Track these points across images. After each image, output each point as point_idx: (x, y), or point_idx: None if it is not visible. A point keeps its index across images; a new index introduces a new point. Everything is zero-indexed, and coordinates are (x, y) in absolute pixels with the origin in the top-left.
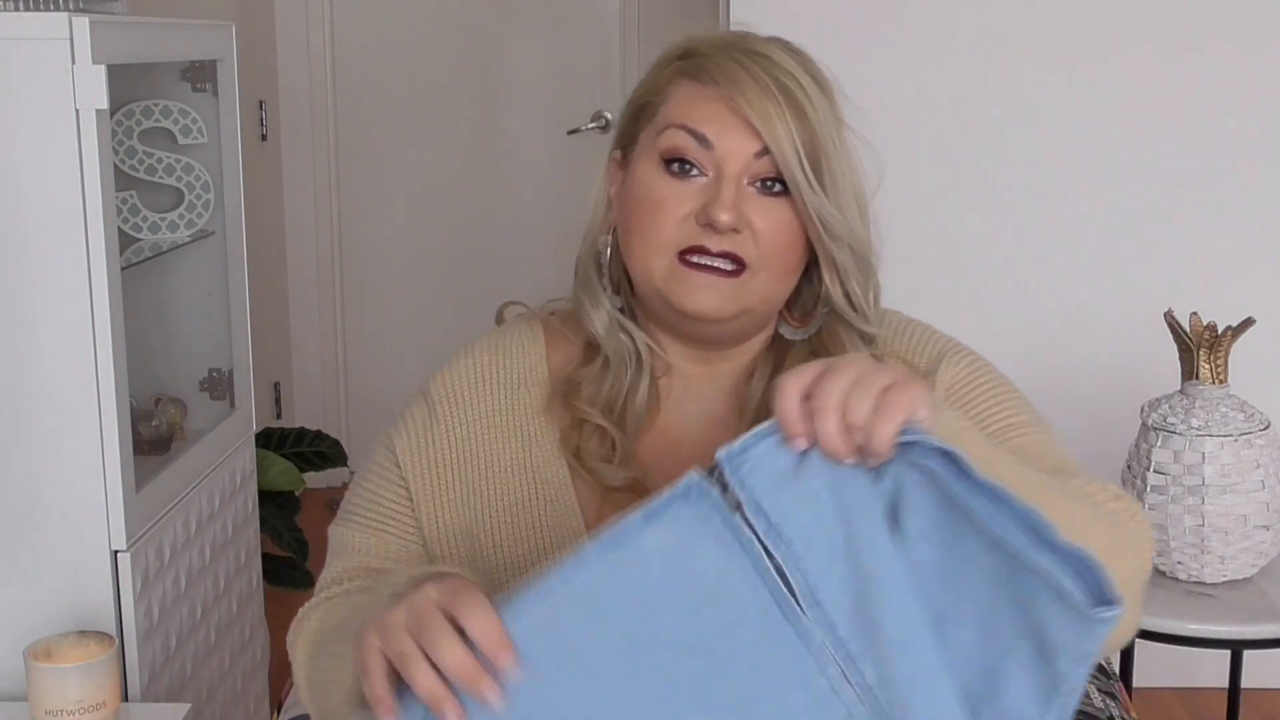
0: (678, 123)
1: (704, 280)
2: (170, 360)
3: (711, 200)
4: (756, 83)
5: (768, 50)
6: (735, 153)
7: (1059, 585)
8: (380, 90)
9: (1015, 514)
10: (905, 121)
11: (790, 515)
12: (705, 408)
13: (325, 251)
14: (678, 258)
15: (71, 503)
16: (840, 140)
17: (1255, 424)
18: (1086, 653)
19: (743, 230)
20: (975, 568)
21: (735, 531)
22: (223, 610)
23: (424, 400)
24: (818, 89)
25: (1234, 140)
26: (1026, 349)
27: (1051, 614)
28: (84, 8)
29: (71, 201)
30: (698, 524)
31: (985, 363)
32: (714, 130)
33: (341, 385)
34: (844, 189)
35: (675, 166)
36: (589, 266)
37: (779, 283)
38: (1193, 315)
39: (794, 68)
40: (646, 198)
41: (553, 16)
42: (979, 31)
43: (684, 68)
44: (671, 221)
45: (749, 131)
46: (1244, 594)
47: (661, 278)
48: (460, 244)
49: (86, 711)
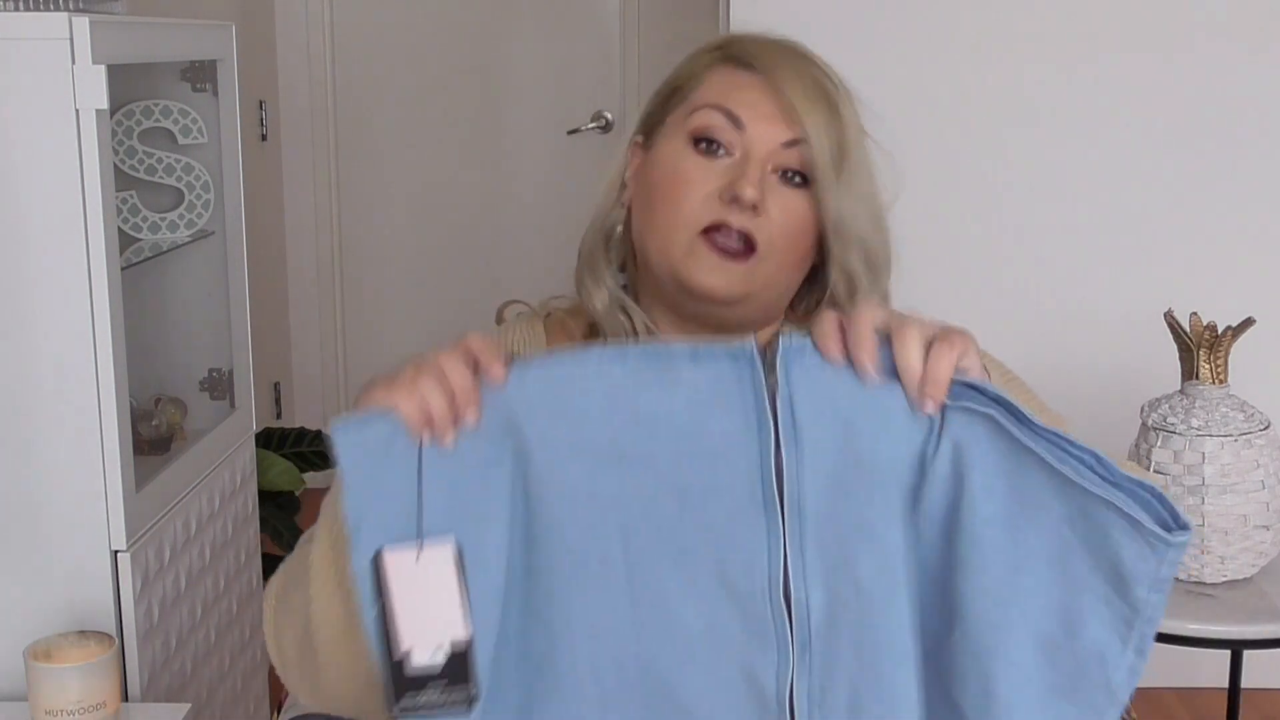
0: (712, 103)
1: (716, 262)
2: (170, 360)
3: (738, 177)
4: (797, 73)
5: (805, 51)
6: (766, 138)
7: (1132, 515)
8: (380, 90)
9: (1079, 454)
10: (905, 121)
11: (813, 426)
12: None
13: (325, 251)
14: (700, 235)
15: (71, 503)
16: (863, 147)
17: (1255, 424)
18: (1164, 578)
19: (761, 212)
20: (1044, 512)
21: (761, 412)
22: (223, 610)
23: None
24: (848, 95)
25: (1234, 140)
26: (1026, 349)
27: (1125, 544)
28: (84, 8)
29: (71, 201)
30: (733, 386)
31: (1011, 371)
32: (748, 114)
33: (341, 385)
34: (862, 192)
35: (704, 145)
36: (596, 244)
37: (786, 271)
38: (1193, 315)
39: (828, 70)
40: (673, 173)
41: (553, 16)
42: (979, 31)
43: (723, 55)
44: (697, 198)
45: (782, 121)
46: (1244, 594)
47: (681, 253)
48: (460, 244)
49: (86, 711)
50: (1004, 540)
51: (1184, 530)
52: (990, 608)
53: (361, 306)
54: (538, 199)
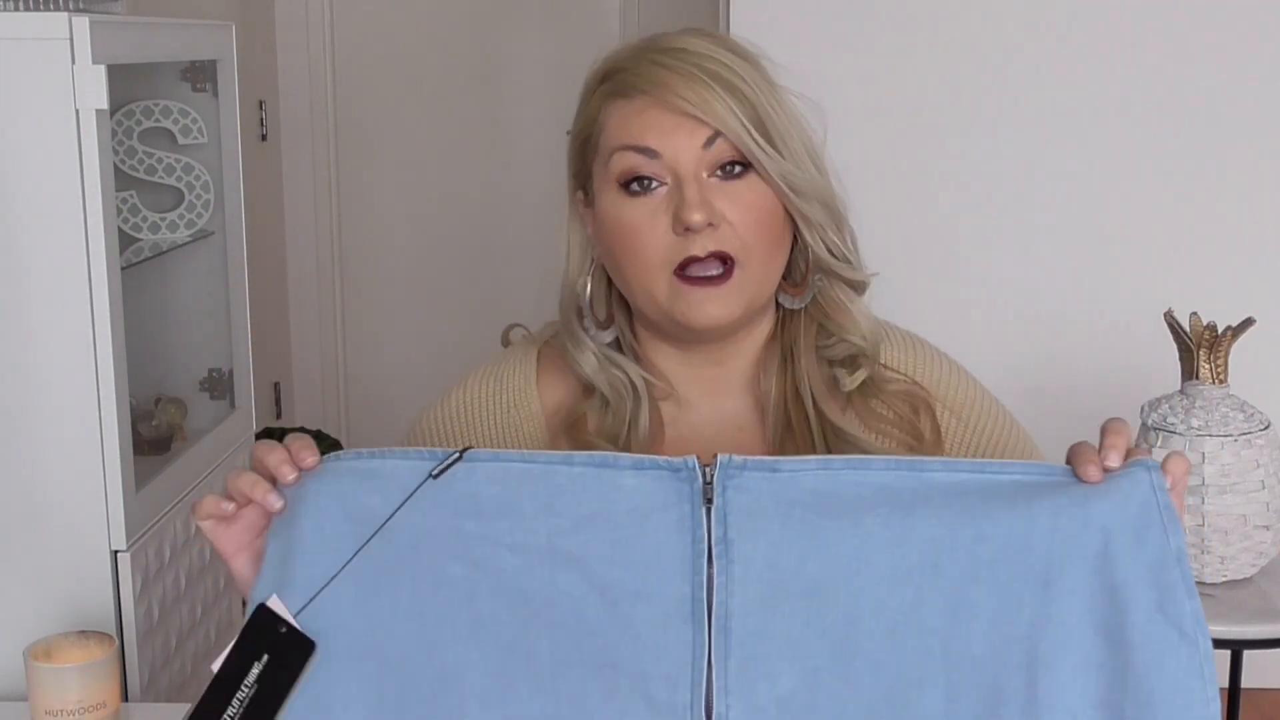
0: (620, 145)
1: (704, 294)
2: (170, 360)
3: (679, 204)
4: (681, 75)
5: (682, 43)
6: (684, 150)
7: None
8: (380, 90)
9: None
10: (904, 121)
11: (745, 543)
12: (722, 407)
13: (325, 251)
14: (676, 275)
15: (71, 503)
16: (779, 102)
17: (1255, 424)
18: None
19: (719, 224)
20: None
21: (696, 525)
22: (223, 610)
23: (412, 436)
24: (742, 61)
25: (1234, 140)
26: (1026, 349)
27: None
28: (84, 8)
29: (71, 201)
30: (672, 497)
31: (1031, 439)
32: (655, 138)
33: (341, 385)
34: (796, 148)
35: (634, 186)
36: (569, 312)
37: (770, 262)
38: (1193, 315)
39: (712, 49)
40: (619, 227)
41: (553, 16)
42: (977, 31)
43: (609, 89)
44: (652, 241)
45: (690, 125)
46: (1244, 594)
47: (665, 298)
48: (460, 244)
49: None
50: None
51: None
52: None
53: (361, 306)
54: (537, 199)
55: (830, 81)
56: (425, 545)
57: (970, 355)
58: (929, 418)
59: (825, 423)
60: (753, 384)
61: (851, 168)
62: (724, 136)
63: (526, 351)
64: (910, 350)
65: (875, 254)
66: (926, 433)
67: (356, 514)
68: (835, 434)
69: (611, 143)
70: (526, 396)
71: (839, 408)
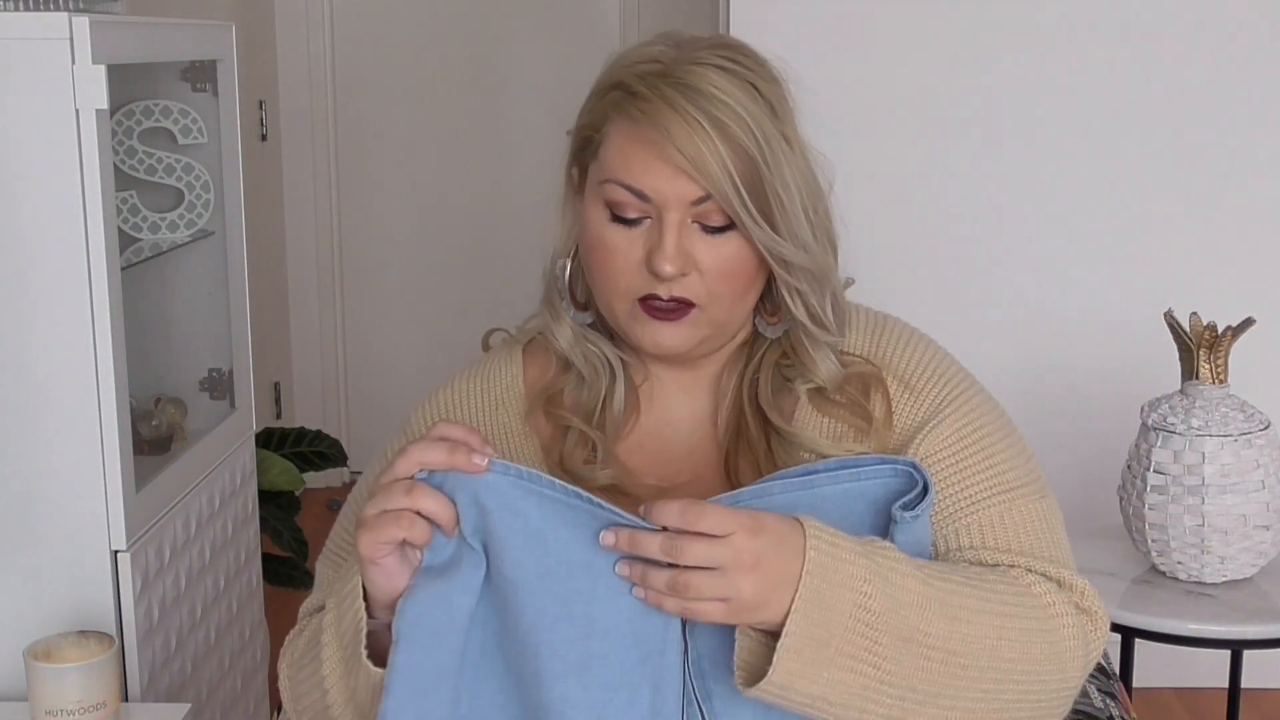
0: (615, 178)
1: (659, 326)
2: (170, 360)
3: (655, 248)
4: (686, 122)
5: (698, 80)
6: (673, 200)
7: None
8: (380, 90)
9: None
10: (904, 122)
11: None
12: (688, 406)
13: (325, 251)
14: (639, 302)
15: (71, 503)
16: (787, 154)
17: (1255, 424)
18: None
19: (689, 272)
20: None
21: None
22: (223, 610)
23: (403, 434)
24: (753, 102)
25: (1234, 141)
26: (1026, 350)
27: None
28: (84, 8)
29: (71, 201)
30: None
31: (990, 413)
32: (650, 183)
33: (341, 385)
34: (793, 209)
35: (620, 216)
36: (550, 285)
37: (734, 308)
38: (1193, 315)
39: (725, 87)
40: (599, 243)
41: (553, 16)
42: (978, 32)
43: (618, 99)
44: (623, 270)
45: (686, 178)
46: (1244, 594)
47: (624, 318)
48: (460, 243)
49: (86, 711)
50: None
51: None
52: None
53: (361, 306)
54: (537, 199)
55: (829, 81)
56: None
57: (970, 355)
58: (881, 395)
59: (771, 428)
60: (718, 382)
61: (850, 168)
62: (715, 198)
63: (510, 349)
64: (871, 334)
65: (874, 254)
66: (876, 412)
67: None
68: (780, 438)
69: (608, 168)
70: (514, 394)
71: (790, 410)
